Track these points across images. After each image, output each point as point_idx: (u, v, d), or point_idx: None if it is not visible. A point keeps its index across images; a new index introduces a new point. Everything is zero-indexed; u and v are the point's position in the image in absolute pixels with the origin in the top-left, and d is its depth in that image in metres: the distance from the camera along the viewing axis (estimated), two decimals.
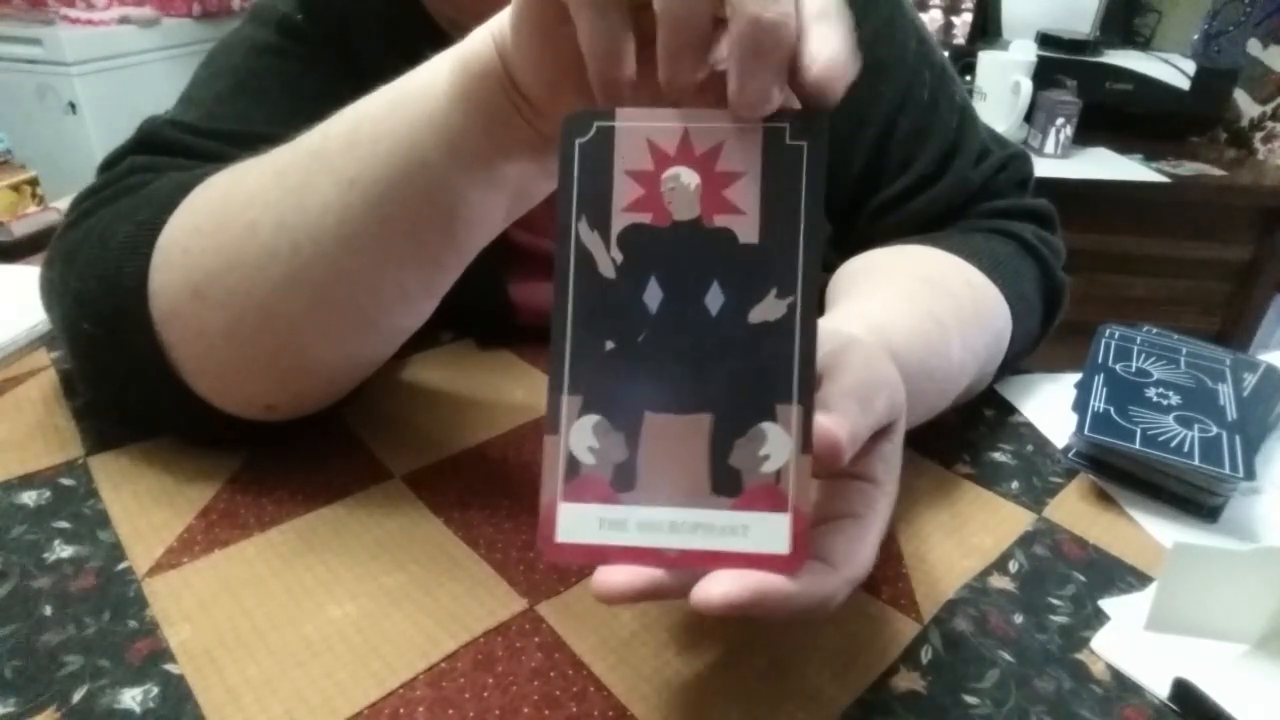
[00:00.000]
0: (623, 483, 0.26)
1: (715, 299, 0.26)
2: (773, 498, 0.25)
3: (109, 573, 0.38)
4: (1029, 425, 0.53)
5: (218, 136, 0.48)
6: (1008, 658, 0.36)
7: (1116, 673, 0.35)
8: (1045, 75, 1.48)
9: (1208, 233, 1.45)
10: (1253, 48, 1.63)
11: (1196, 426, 0.46)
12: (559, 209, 0.26)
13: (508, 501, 0.43)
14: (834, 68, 0.24)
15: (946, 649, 0.36)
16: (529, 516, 0.42)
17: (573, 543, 0.26)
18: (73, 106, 1.81)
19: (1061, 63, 1.53)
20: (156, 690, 0.32)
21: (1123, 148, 1.53)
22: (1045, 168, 1.37)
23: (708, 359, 0.26)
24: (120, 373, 0.42)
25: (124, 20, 1.89)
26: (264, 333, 0.39)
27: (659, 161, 0.26)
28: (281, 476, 0.44)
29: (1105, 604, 0.39)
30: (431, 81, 0.34)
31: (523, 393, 0.54)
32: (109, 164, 0.47)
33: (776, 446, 0.25)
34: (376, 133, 0.35)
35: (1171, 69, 1.55)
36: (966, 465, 0.49)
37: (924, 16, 1.84)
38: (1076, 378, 0.51)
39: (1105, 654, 0.36)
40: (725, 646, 0.35)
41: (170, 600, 0.36)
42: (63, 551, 0.39)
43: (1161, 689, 0.34)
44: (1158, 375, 0.52)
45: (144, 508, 0.42)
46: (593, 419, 0.26)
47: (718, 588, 0.24)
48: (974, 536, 0.43)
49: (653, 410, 0.26)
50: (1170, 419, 0.47)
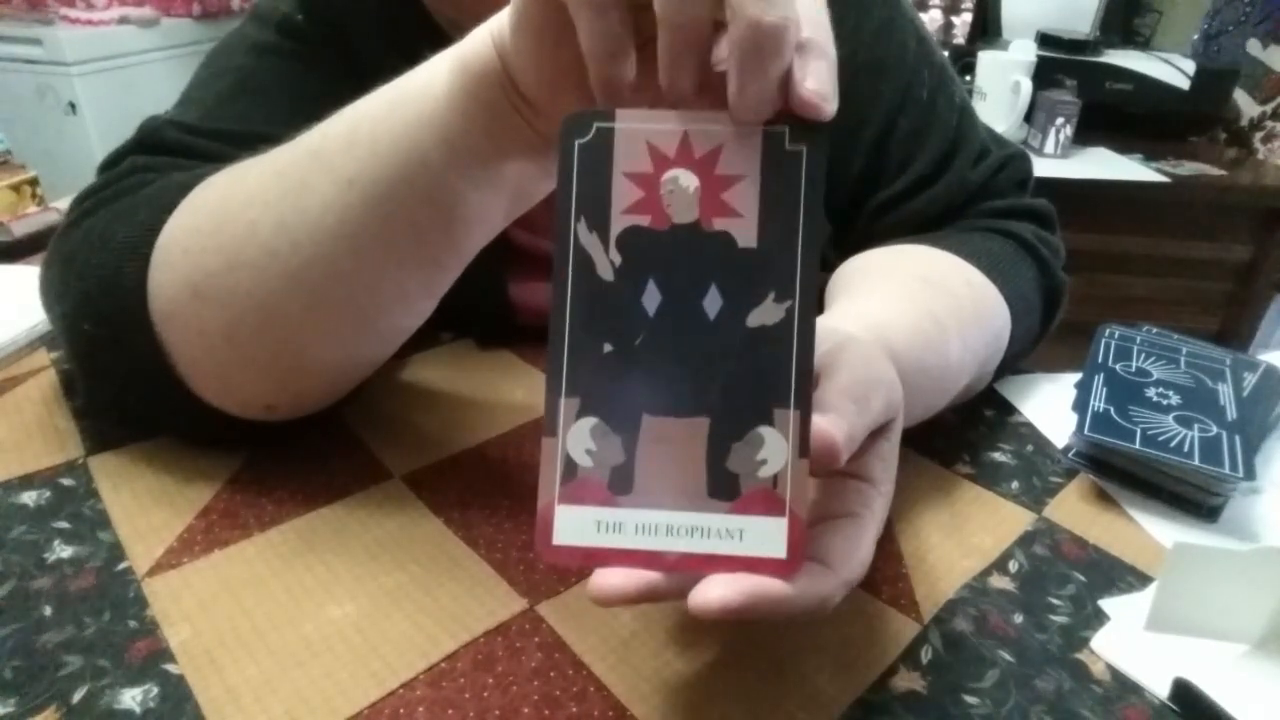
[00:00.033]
0: (620, 485, 0.26)
1: (713, 302, 0.26)
2: (770, 502, 0.25)
3: (109, 573, 0.38)
4: (1029, 425, 0.53)
5: (218, 136, 0.48)
6: (1008, 658, 0.36)
7: (1116, 673, 0.35)
8: (1045, 75, 1.48)
9: (1208, 233, 1.45)
10: (1253, 48, 1.63)
11: (1196, 426, 0.46)
12: (558, 210, 0.26)
13: (508, 501, 0.43)
14: (819, 96, 0.24)
15: (946, 649, 0.36)
16: (529, 516, 0.42)
17: (570, 545, 0.26)
18: (73, 106, 1.81)
19: (1061, 63, 1.53)
20: (156, 690, 0.32)
21: (1123, 148, 1.53)
22: (1045, 168, 1.37)
23: (705, 362, 0.26)
24: (120, 373, 0.42)
25: (124, 20, 1.89)
26: (264, 333, 0.39)
27: (658, 164, 0.26)
28: (281, 476, 0.44)
29: (1105, 604, 0.39)
30: (431, 81, 0.34)
31: (523, 393, 0.54)
32: (109, 164, 0.47)
33: (774, 451, 0.25)
34: (376, 133, 0.35)
35: (1171, 69, 1.55)
36: (966, 465, 0.49)
37: (924, 16, 1.84)
38: (1076, 378, 0.51)
39: (1105, 654, 0.36)
40: (725, 646, 0.35)
41: (170, 600, 0.36)
42: (63, 551, 0.39)
43: (1161, 689, 0.34)
44: (1158, 375, 0.52)
45: (144, 508, 0.42)
46: (590, 421, 0.26)
47: (714, 592, 0.24)
48: (974, 536, 0.43)
49: (650, 413, 0.26)
50: (1170, 419, 0.47)
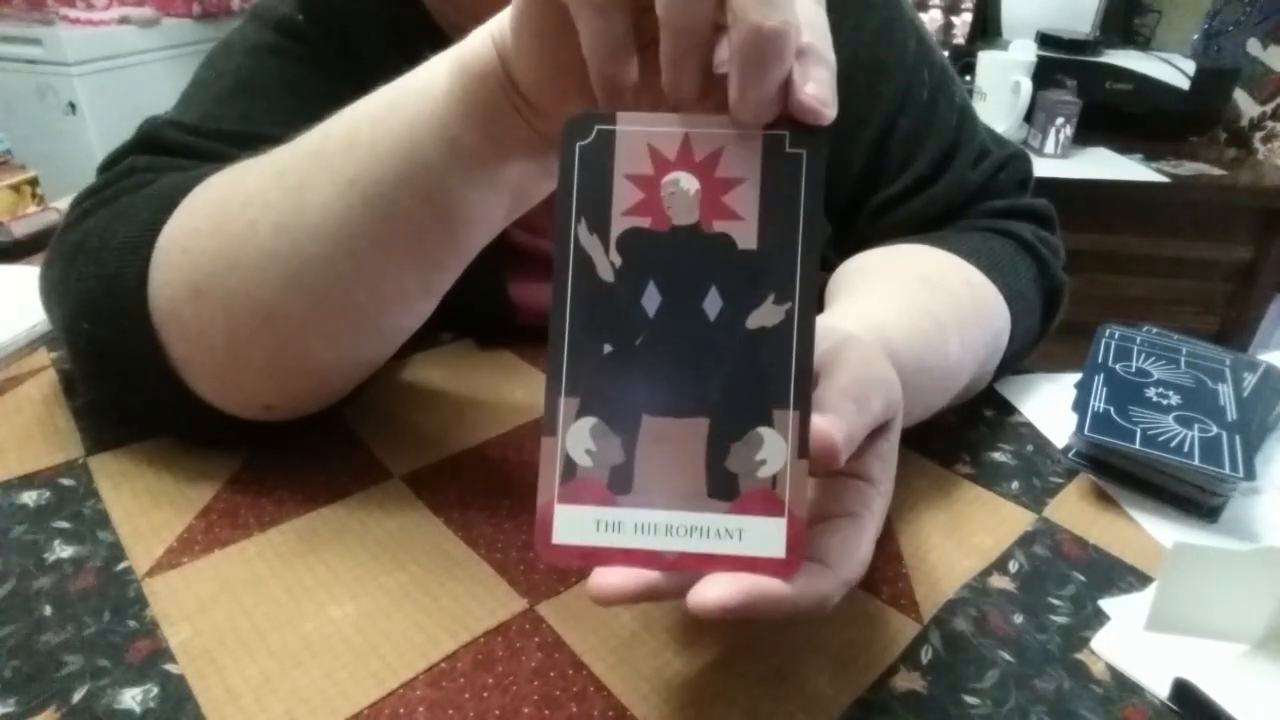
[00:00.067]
0: (620, 485, 0.26)
1: (713, 304, 0.26)
2: (769, 502, 0.25)
3: (109, 573, 0.38)
4: (1029, 425, 0.53)
5: (218, 137, 0.48)
6: (1008, 658, 0.36)
7: (1116, 673, 0.35)
8: (1045, 75, 1.48)
9: (1208, 233, 1.45)
10: (1253, 48, 1.63)
11: (1196, 426, 0.46)
12: (558, 211, 0.26)
13: (508, 501, 0.43)
14: (819, 102, 0.24)
15: (946, 649, 0.36)
16: (529, 516, 0.42)
17: (569, 544, 0.26)
18: (73, 106, 1.81)
19: (1061, 63, 1.53)
20: (156, 690, 0.32)
21: (1123, 148, 1.53)
22: (1045, 168, 1.37)
23: (705, 363, 0.26)
24: (120, 373, 0.42)
25: (124, 20, 1.89)
26: (264, 333, 0.39)
27: (659, 166, 0.26)
28: (281, 476, 0.44)
29: (1105, 604, 0.39)
30: (431, 82, 0.34)
31: (523, 393, 0.54)
32: (109, 164, 0.47)
33: (773, 451, 0.25)
34: (376, 133, 0.35)
35: (1171, 69, 1.55)
36: (966, 465, 0.49)
37: (924, 16, 1.84)
38: (1076, 378, 0.51)
39: (1105, 654, 0.36)
40: (725, 647, 0.35)
41: (170, 600, 0.36)
42: (63, 551, 0.39)
43: (1161, 689, 0.34)
44: (1158, 375, 0.52)
45: (144, 508, 0.42)
46: (590, 421, 0.26)
47: (713, 591, 0.24)
48: (974, 536, 0.43)
49: (650, 413, 0.26)
50: (1170, 419, 0.47)
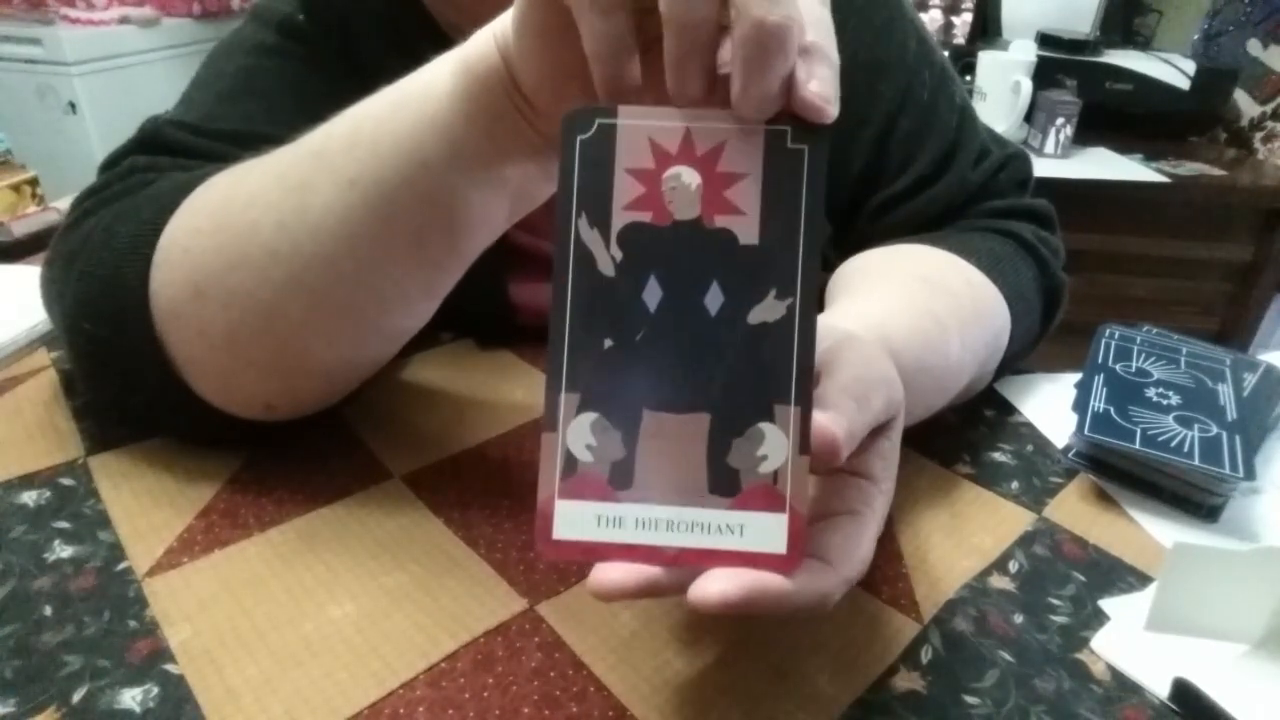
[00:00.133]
0: (620, 480, 0.26)
1: (715, 299, 0.26)
2: (770, 498, 0.25)
3: (109, 573, 0.38)
4: (1029, 425, 0.53)
5: (219, 136, 0.48)
6: (1008, 658, 0.36)
7: (1116, 673, 0.35)
8: (1045, 75, 1.48)
9: (1208, 233, 1.45)
10: (1253, 48, 1.63)
11: (1196, 426, 0.46)
12: (559, 206, 0.26)
13: (508, 501, 0.43)
14: (821, 99, 0.24)
15: (946, 649, 0.36)
16: (529, 516, 0.42)
17: (570, 540, 0.26)
18: (73, 106, 1.81)
19: (1061, 63, 1.53)
20: (156, 690, 0.32)
21: (1123, 148, 1.53)
22: (1045, 168, 1.37)
23: (706, 358, 0.26)
24: (120, 372, 0.42)
25: (124, 20, 1.90)
26: (265, 333, 0.39)
27: (660, 160, 0.26)
28: (281, 476, 0.44)
29: (1105, 604, 0.39)
30: (433, 83, 0.34)
31: (523, 393, 0.54)
32: (110, 164, 0.47)
33: (774, 447, 0.25)
34: (378, 134, 0.35)
35: (1171, 69, 1.55)
36: (966, 465, 0.49)
37: (924, 16, 1.84)
38: (1076, 378, 0.51)
39: (1105, 654, 0.36)
40: (725, 646, 0.35)
41: (170, 600, 0.36)
42: (63, 551, 0.39)
43: (1161, 689, 0.34)
44: (1158, 375, 0.52)
45: (144, 508, 0.42)
46: (591, 416, 0.26)
47: (715, 586, 0.24)
48: (974, 536, 0.43)
49: (651, 409, 0.26)
50: (1170, 419, 0.47)
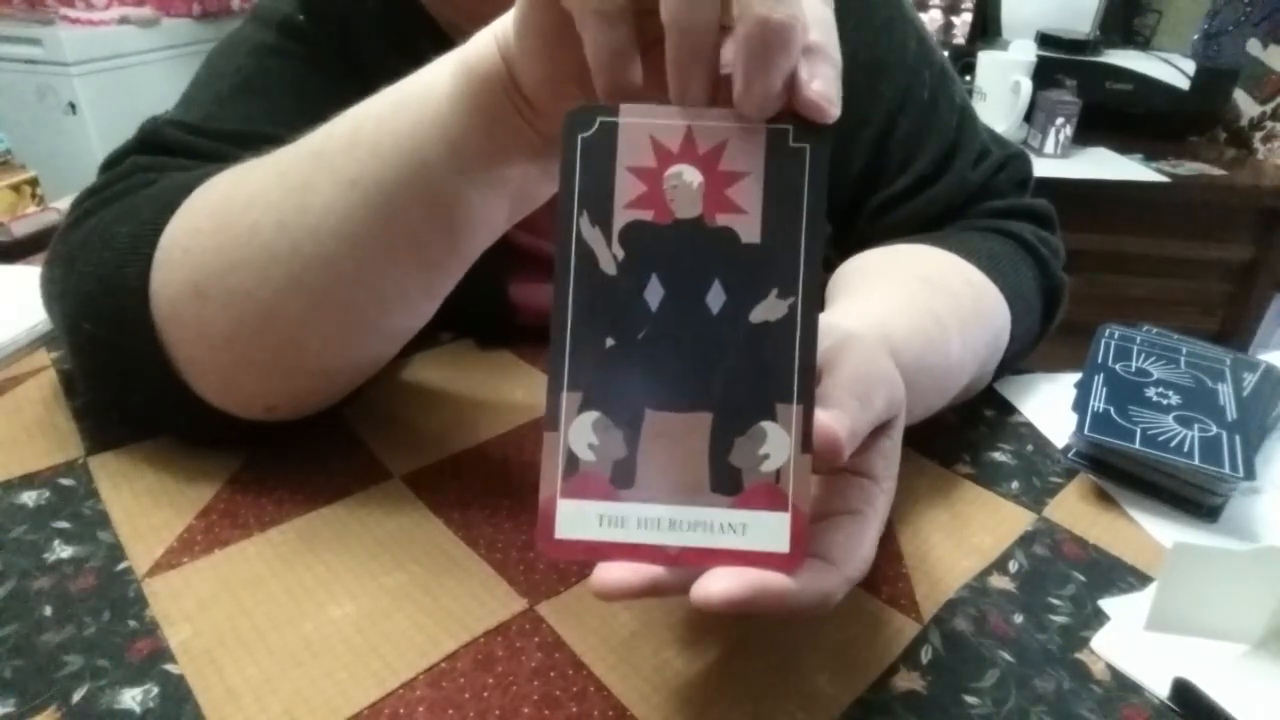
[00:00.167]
0: (622, 480, 0.26)
1: (716, 298, 0.26)
2: (772, 496, 0.25)
3: (109, 573, 0.38)
4: (1029, 425, 0.53)
5: (219, 136, 0.48)
6: (1008, 658, 0.36)
7: (1116, 673, 0.35)
8: (1045, 75, 1.48)
9: (1208, 233, 1.45)
10: (1253, 48, 1.63)
11: (1196, 426, 0.46)
12: (560, 204, 0.26)
13: (508, 501, 0.43)
14: (824, 99, 0.24)
15: (946, 649, 0.36)
16: (529, 516, 0.42)
17: (572, 539, 0.26)
18: (73, 106, 1.81)
19: (1061, 63, 1.53)
20: (156, 690, 0.32)
21: (1123, 148, 1.53)
22: (1045, 168, 1.37)
23: (708, 357, 0.26)
24: (121, 373, 0.42)
25: (124, 20, 1.90)
26: (265, 333, 0.39)
27: (662, 159, 0.25)
28: (281, 476, 0.44)
29: (1105, 604, 0.39)
30: (434, 84, 0.34)
31: (523, 393, 0.54)
32: (110, 164, 0.47)
33: (776, 446, 0.25)
34: (378, 134, 0.35)
35: (1171, 69, 1.55)
36: (966, 465, 0.49)
37: (924, 16, 1.84)
38: (1076, 378, 0.51)
39: (1105, 654, 0.36)
40: (725, 646, 0.35)
41: (170, 600, 0.36)
42: (63, 551, 0.39)
43: (1161, 689, 0.34)
44: (1158, 375, 0.52)
45: (144, 508, 0.42)
46: (592, 416, 0.26)
47: (717, 584, 0.24)
48: (974, 536, 0.43)
49: (653, 408, 0.26)
50: (1170, 419, 0.47)
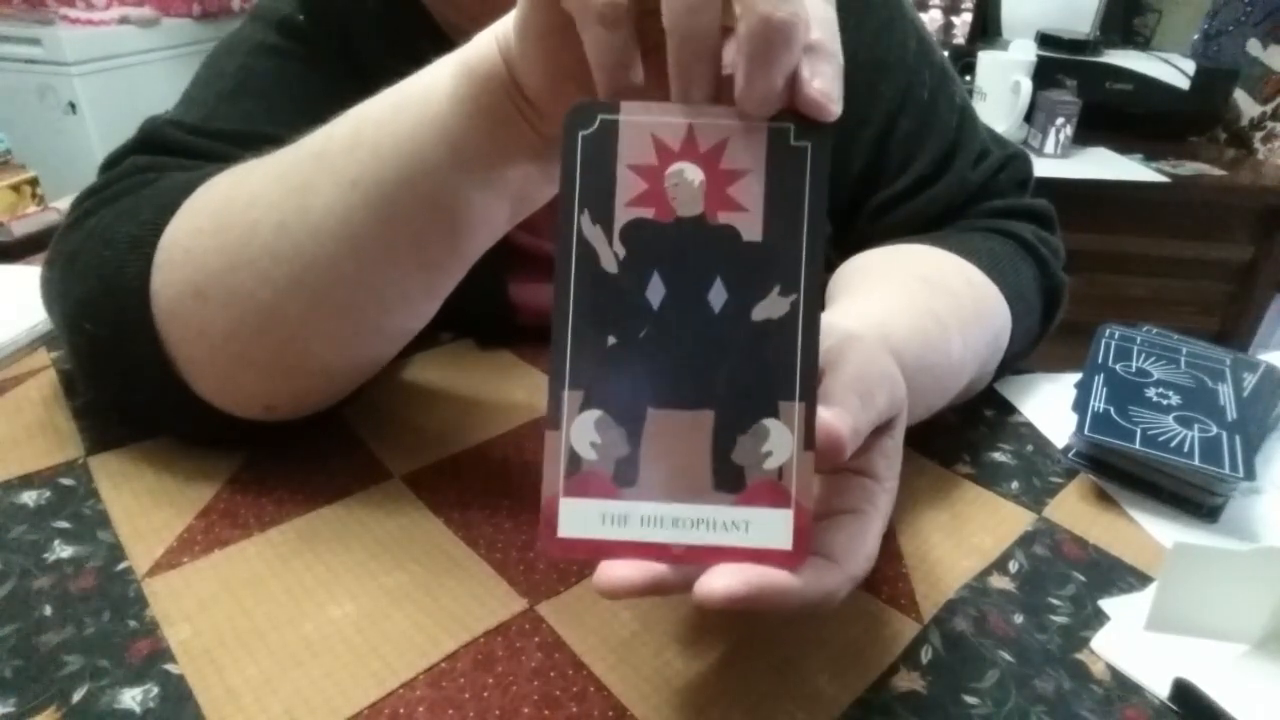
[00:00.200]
0: (625, 478, 0.26)
1: (718, 296, 0.26)
2: (775, 494, 0.25)
3: (109, 573, 0.38)
4: (1029, 425, 0.53)
5: (219, 137, 0.48)
6: (1008, 658, 0.36)
7: (1116, 673, 0.35)
8: (1045, 75, 1.48)
9: (1208, 233, 1.45)
10: (1253, 48, 1.63)
11: (1196, 426, 0.46)
12: (561, 202, 0.26)
13: (508, 501, 0.43)
14: (826, 97, 0.24)
15: (946, 649, 0.36)
16: (529, 516, 0.42)
17: (574, 537, 0.26)
18: (73, 106, 1.81)
19: (1061, 63, 1.53)
20: (156, 690, 0.32)
21: (1123, 148, 1.53)
22: (1045, 168, 1.37)
23: (710, 355, 0.26)
24: (121, 373, 0.42)
25: (124, 20, 1.89)
26: (265, 333, 0.39)
27: (663, 157, 0.25)
28: (281, 476, 0.44)
29: (1105, 604, 0.39)
30: (434, 85, 0.34)
31: (523, 393, 0.54)
32: (110, 164, 0.47)
33: (779, 443, 0.25)
34: (379, 135, 0.35)
35: (1171, 69, 1.55)
36: (966, 465, 0.49)
37: (924, 16, 1.84)
38: (1076, 378, 0.51)
39: (1105, 654, 0.36)
40: (726, 646, 0.35)
41: (170, 600, 0.36)
42: (63, 551, 0.39)
43: (1161, 689, 0.34)
44: (1158, 375, 0.52)
45: (144, 508, 0.42)
46: (594, 414, 0.26)
47: (720, 582, 0.24)
48: (974, 536, 0.43)
49: (655, 406, 0.26)
50: (1170, 419, 0.47)
